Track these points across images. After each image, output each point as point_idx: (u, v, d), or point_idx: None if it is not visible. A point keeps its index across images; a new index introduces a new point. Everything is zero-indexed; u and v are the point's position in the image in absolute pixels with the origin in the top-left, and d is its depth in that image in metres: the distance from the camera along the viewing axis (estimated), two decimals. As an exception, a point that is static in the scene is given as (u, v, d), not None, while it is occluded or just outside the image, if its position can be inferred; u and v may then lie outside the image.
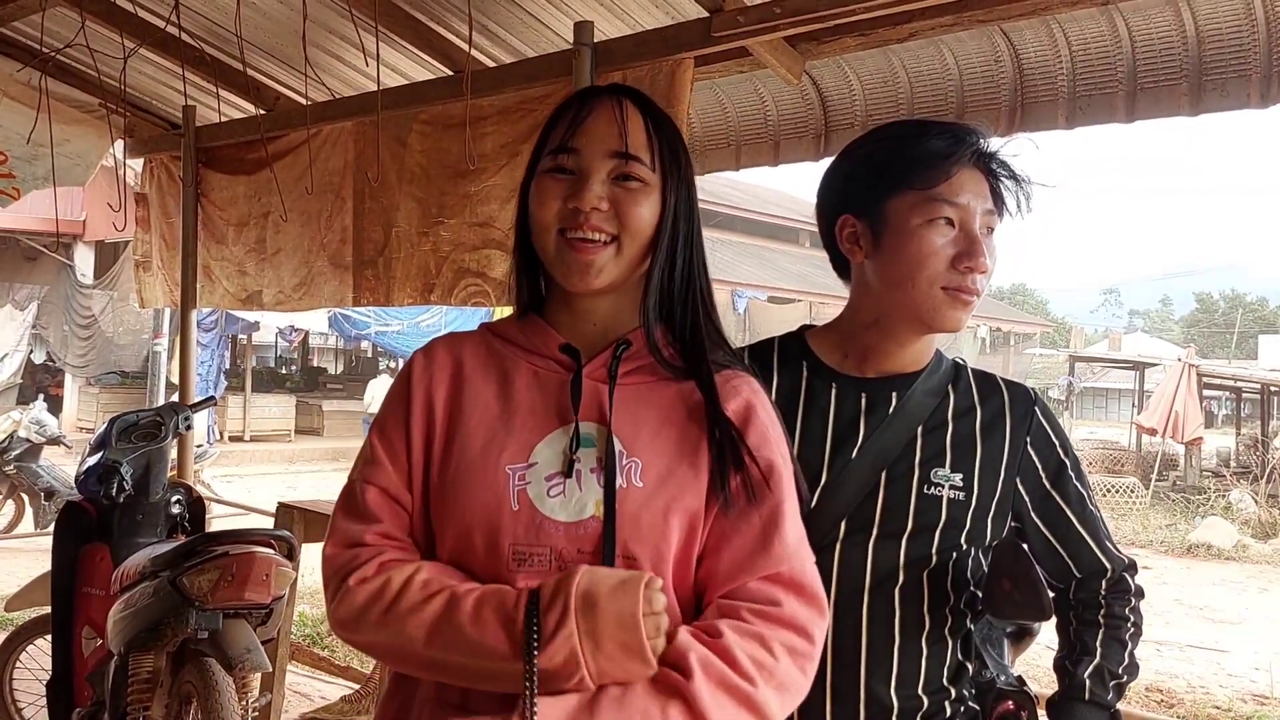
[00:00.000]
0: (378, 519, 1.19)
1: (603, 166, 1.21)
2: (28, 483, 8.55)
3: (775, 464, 1.20)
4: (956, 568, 1.44)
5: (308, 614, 6.26)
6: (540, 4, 3.19)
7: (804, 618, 1.14)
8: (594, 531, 1.13)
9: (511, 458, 1.17)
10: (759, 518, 1.17)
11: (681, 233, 1.25)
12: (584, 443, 1.18)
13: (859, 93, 3.11)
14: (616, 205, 1.20)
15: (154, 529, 3.27)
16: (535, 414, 1.20)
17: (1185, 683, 6.69)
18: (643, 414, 1.20)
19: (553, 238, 1.21)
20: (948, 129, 1.45)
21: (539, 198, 1.23)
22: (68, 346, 16.25)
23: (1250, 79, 2.51)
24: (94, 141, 4.73)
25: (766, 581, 1.14)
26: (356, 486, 1.22)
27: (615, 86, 1.28)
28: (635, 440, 1.18)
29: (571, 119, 1.23)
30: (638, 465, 1.17)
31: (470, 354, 1.27)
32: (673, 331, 1.25)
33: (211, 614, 2.73)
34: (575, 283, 1.21)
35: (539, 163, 1.25)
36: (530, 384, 1.23)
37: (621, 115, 1.22)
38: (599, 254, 1.19)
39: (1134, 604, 1.53)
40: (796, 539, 1.18)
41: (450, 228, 3.62)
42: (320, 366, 29.34)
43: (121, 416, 3.37)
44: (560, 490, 1.15)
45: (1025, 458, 1.47)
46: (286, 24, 3.64)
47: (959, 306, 1.41)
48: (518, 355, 1.26)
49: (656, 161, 1.23)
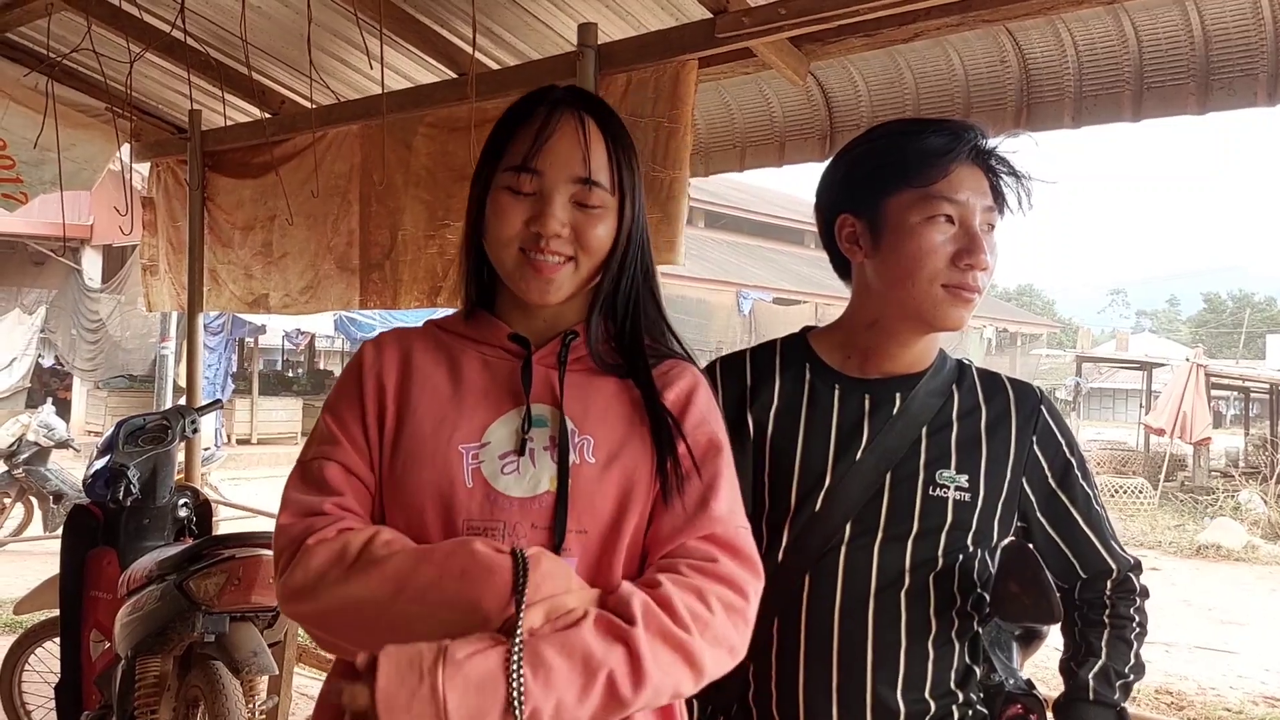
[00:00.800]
0: (338, 491, 1.20)
1: (565, 191, 1.23)
2: (36, 486, 8.58)
3: (716, 438, 1.26)
4: (963, 570, 1.43)
5: (315, 617, 6.26)
6: (544, 6, 3.19)
7: (739, 576, 1.17)
8: (547, 506, 1.17)
9: (464, 438, 1.20)
10: (696, 486, 1.21)
11: (633, 244, 1.28)
12: (536, 423, 1.22)
13: (864, 93, 3.10)
14: (576, 229, 1.23)
15: (161, 532, 3.28)
16: (487, 396, 1.24)
17: (1195, 685, 6.66)
18: (591, 397, 1.25)
19: (512, 253, 1.24)
20: (945, 126, 1.44)
21: (499, 214, 1.24)
22: (76, 350, 16.31)
23: (1258, 77, 2.50)
24: (100, 146, 4.74)
25: (703, 541, 1.18)
26: (313, 464, 1.23)
27: (574, 96, 1.28)
28: (585, 419, 1.22)
29: (535, 137, 1.23)
30: (589, 442, 1.21)
31: (419, 345, 1.30)
32: (616, 330, 1.30)
33: (218, 617, 2.74)
34: (534, 298, 1.24)
35: (494, 172, 1.26)
36: (479, 370, 1.27)
37: (585, 137, 1.24)
38: (558, 272, 1.23)
39: (1139, 604, 1.53)
40: (730, 507, 1.22)
41: (456, 230, 3.62)
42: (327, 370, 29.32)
43: (128, 420, 3.38)
44: (515, 468, 1.19)
45: (1031, 457, 1.47)
46: (291, 28, 3.64)
47: (960, 304, 1.40)
48: (466, 345, 1.30)
49: (615, 183, 1.25)
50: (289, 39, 3.76)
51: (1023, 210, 1.45)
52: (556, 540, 1.16)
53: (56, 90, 4.35)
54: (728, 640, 1.14)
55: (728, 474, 1.24)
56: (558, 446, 1.19)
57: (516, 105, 1.30)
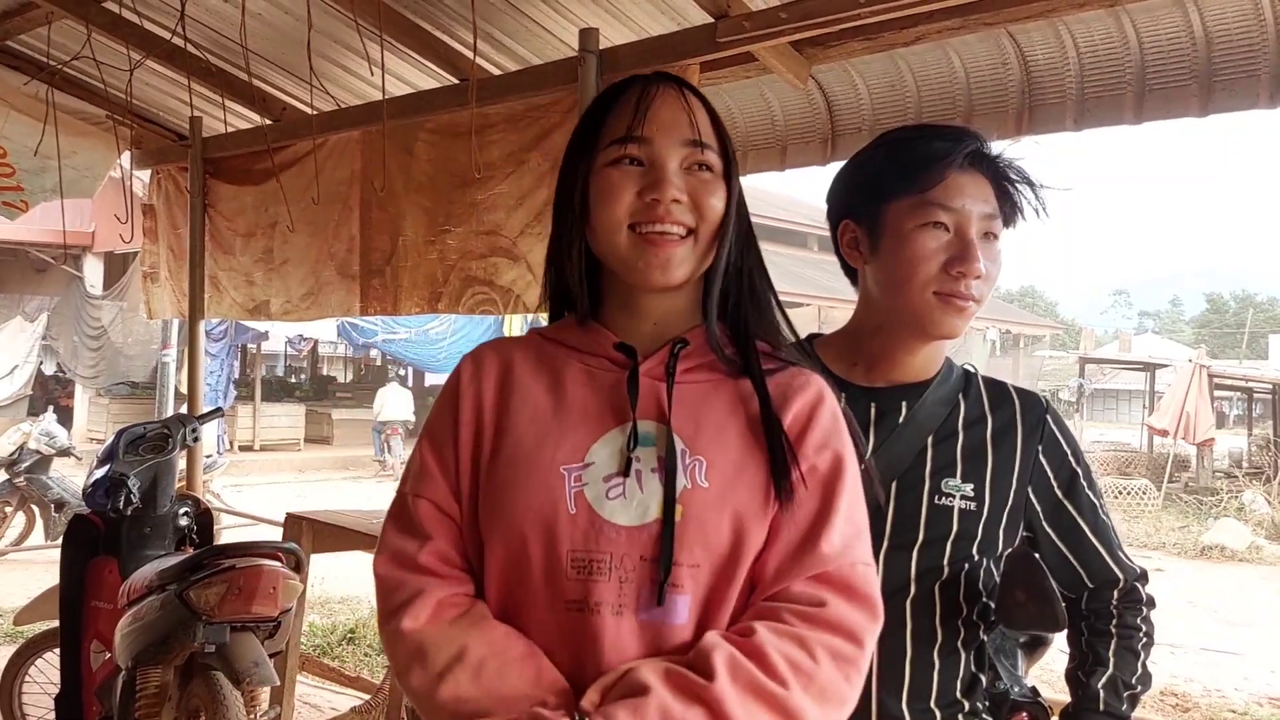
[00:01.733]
0: (430, 535, 1.14)
1: (676, 155, 1.14)
2: (38, 494, 8.57)
3: (839, 462, 1.13)
4: (969, 579, 1.42)
5: (318, 624, 6.26)
6: (545, 12, 3.18)
7: (852, 620, 1.05)
8: (657, 535, 1.06)
9: (566, 457, 1.11)
10: (807, 516, 1.10)
11: (743, 219, 1.20)
12: (642, 441, 1.11)
13: (866, 97, 3.09)
14: (693, 195, 1.14)
15: (162, 541, 3.26)
16: (589, 412, 1.14)
17: (1201, 686, 6.63)
18: (704, 412, 1.14)
19: (624, 234, 1.14)
20: (944, 132, 1.43)
21: (606, 193, 1.14)
22: (77, 357, 16.31)
23: (1260, 79, 2.49)
24: (101, 153, 4.74)
25: (812, 582, 1.06)
26: (408, 500, 1.18)
27: (666, 75, 1.21)
28: (698, 438, 1.11)
29: (635, 108, 1.15)
30: (702, 464, 1.10)
31: (520, 356, 1.21)
32: (730, 331, 1.20)
33: (219, 627, 2.73)
34: (655, 279, 1.14)
35: (594, 155, 1.17)
36: (583, 382, 1.17)
37: (687, 102, 1.17)
38: (678, 248, 1.13)
39: (1146, 614, 1.51)
40: (847, 539, 1.09)
41: (457, 236, 3.62)
42: (330, 375, 29.37)
43: (129, 429, 3.37)
44: (620, 491, 1.08)
45: (1037, 467, 1.46)
46: (292, 34, 3.64)
47: (953, 312, 1.38)
48: (569, 355, 1.20)
49: (721, 149, 1.18)
50: (289, 45, 3.76)
51: (1038, 217, 1.44)
52: (661, 575, 1.05)
53: (57, 98, 4.35)
54: (837, 693, 1.03)
55: (846, 502, 1.11)
56: (664, 468, 1.09)
57: (604, 92, 1.21)
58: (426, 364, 17.65)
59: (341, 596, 7.05)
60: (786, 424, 1.14)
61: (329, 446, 19.38)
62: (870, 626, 1.07)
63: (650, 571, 1.06)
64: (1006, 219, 1.43)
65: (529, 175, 3.35)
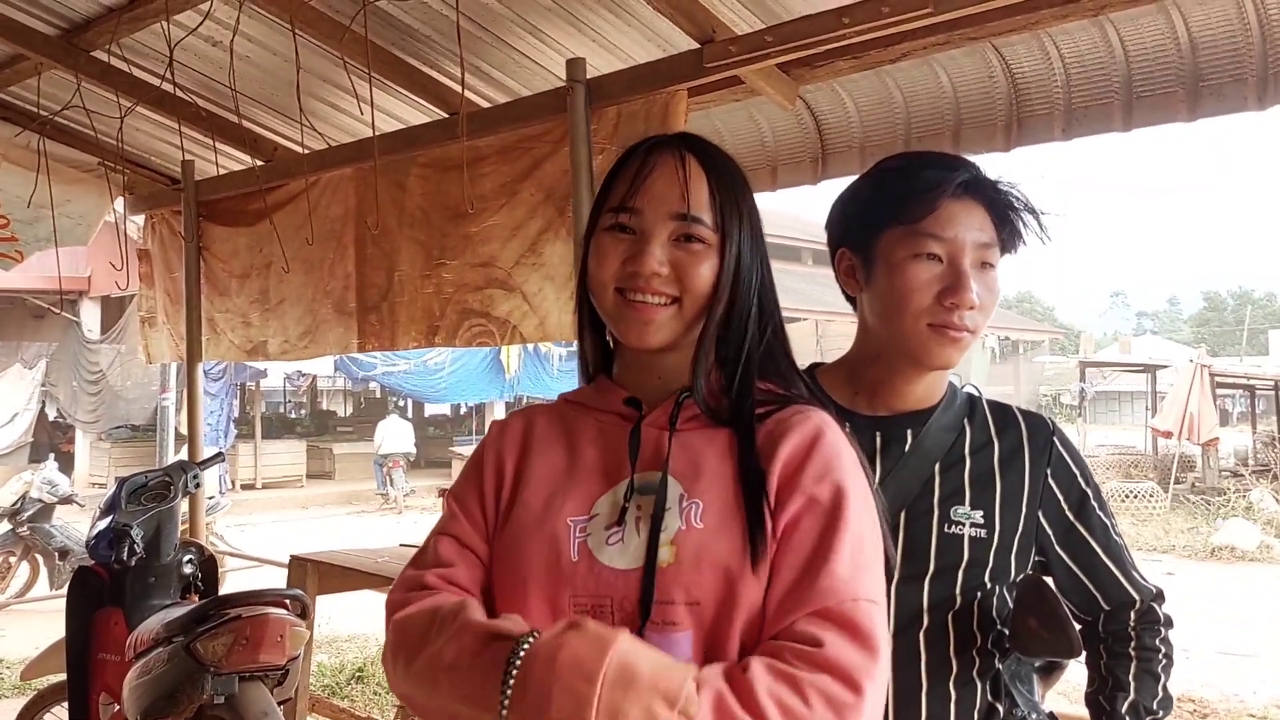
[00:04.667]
0: (445, 563, 1.17)
1: (664, 229, 1.18)
2: (41, 544, 8.53)
3: (844, 490, 1.11)
4: (982, 607, 1.40)
5: (326, 664, 6.22)
6: (532, 43, 3.20)
7: (849, 661, 1.00)
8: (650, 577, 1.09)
9: (574, 510, 1.15)
10: (808, 550, 1.08)
11: (741, 285, 1.20)
12: (643, 490, 1.14)
13: (855, 115, 3.10)
14: (677, 268, 1.17)
15: (167, 590, 3.24)
16: (598, 468, 1.19)
17: (1218, 691, 6.58)
18: (704, 456, 1.16)
19: (610, 295, 1.19)
20: (938, 160, 1.43)
21: (598, 257, 1.20)
22: (76, 402, 16.28)
23: (1247, 82, 2.50)
24: (94, 200, 4.75)
25: (813, 619, 1.03)
26: (430, 540, 1.22)
27: (680, 137, 1.24)
28: (696, 482, 1.14)
29: (633, 175, 1.20)
30: (699, 506, 1.12)
31: (542, 420, 1.28)
32: (727, 381, 1.21)
33: (227, 678, 2.70)
34: (633, 340, 1.19)
35: (599, 218, 1.23)
36: (595, 440, 1.22)
37: (684, 173, 1.18)
38: (657, 314, 1.17)
39: (1164, 634, 1.50)
40: (853, 571, 1.06)
41: (453, 269, 3.61)
42: (330, 410, 29.34)
43: (130, 478, 3.35)
44: (619, 538, 1.12)
45: (1046, 490, 1.44)
46: (280, 75, 3.66)
47: (946, 343, 1.37)
48: (585, 415, 1.25)
49: (718, 219, 1.19)
50: (278, 86, 3.77)
51: (1041, 242, 1.43)
52: (642, 615, 1.07)
53: (49, 147, 4.37)
54: None
55: (852, 533, 1.08)
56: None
57: (620, 157, 1.25)
58: (426, 395, 17.66)
59: (349, 635, 7.01)
60: (781, 460, 1.13)
61: (331, 481, 19.33)
62: (869, 667, 1.02)
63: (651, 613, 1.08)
64: (1006, 246, 1.42)
65: (522, 206, 3.35)
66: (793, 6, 2.74)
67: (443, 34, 3.21)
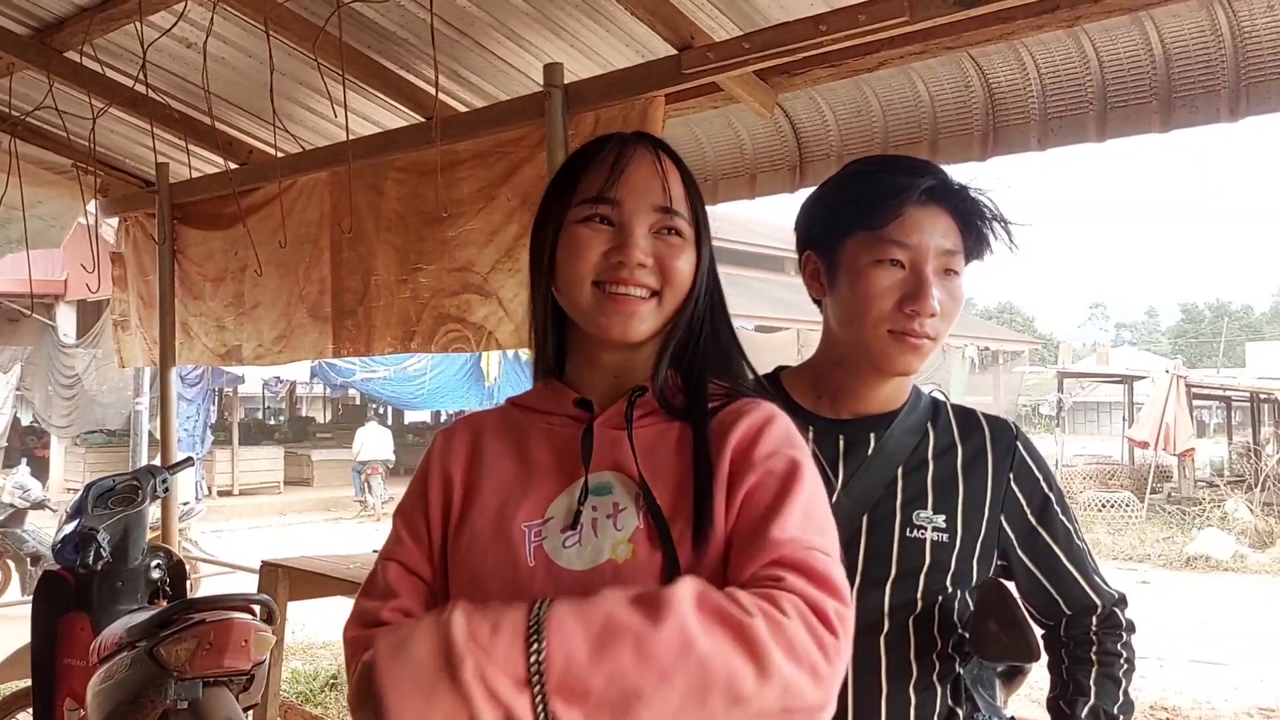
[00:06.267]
0: (395, 594, 1.15)
1: (646, 219, 1.17)
2: (13, 549, 8.43)
3: (798, 463, 1.11)
4: (943, 611, 1.39)
5: (300, 670, 6.16)
6: (509, 48, 3.19)
7: (814, 595, 0.98)
8: (609, 576, 1.07)
9: (527, 515, 1.14)
10: (760, 510, 1.07)
11: (714, 280, 1.23)
12: (598, 491, 1.13)
13: (833, 123, 3.10)
14: (659, 259, 1.16)
15: (134, 595, 3.20)
16: (552, 470, 1.17)
17: (1190, 699, 6.62)
18: (659, 453, 1.15)
19: (587, 290, 1.16)
20: (904, 165, 1.42)
21: (574, 249, 1.17)
22: (51, 406, 16.14)
23: (1219, 94, 2.51)
24: (67, 203, 4.71)
25: (769, 565, 1.01)
26: (378, 566, 1.20)
27: (647, 135, 1.24)
28: (654, 480, 1.12)
29: (610, 167, 1.18)
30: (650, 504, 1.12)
31: (490, 427, 1.25)
32: (683, 377, 1.21)
33: (191, 683, 2.67)
34: (616, 334, 1.16)
35: (565, 212, 1.19)
36: (544, 443, 1.20)
37: (661, 167, 1.18)
38: (641, 306, 1.15)
39: (1126, 639, 1.49)
40: (802, 526, 1.05)
41: (429, 274, 3.59)
42: (308, 416, 29.18)
43: (97, 482, 3.31)
44: (576, 540, 1.11)
45: (1009, 495, 1.44)
46: (254, 77, 3.63)
47: (907, 350, 1.37)
48: (534, 418, 1.23)
49: (693, 215, 1.20)
50: (253, 88, 3.74)
51: (1007, 250, 1.42)
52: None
53: (20, 149, 4.32)
54: (806, 655, 0.94)
55: (801, 498, 1.08)
56: (646, 510, 1.09)
57: (581, 149, 1.23)
58: (405, 402, 17.56)
59: (324, 641, 6.95)
60: (733, 443, 1.13)
61: (309, 488, 19.20)
62: (837, 608, 0.99)
63: None
64: (971, 253, 1.41)
65: (499, 211, 3.34)
66: (771, 14, 2.74)
67: (418, 37, 3.19)
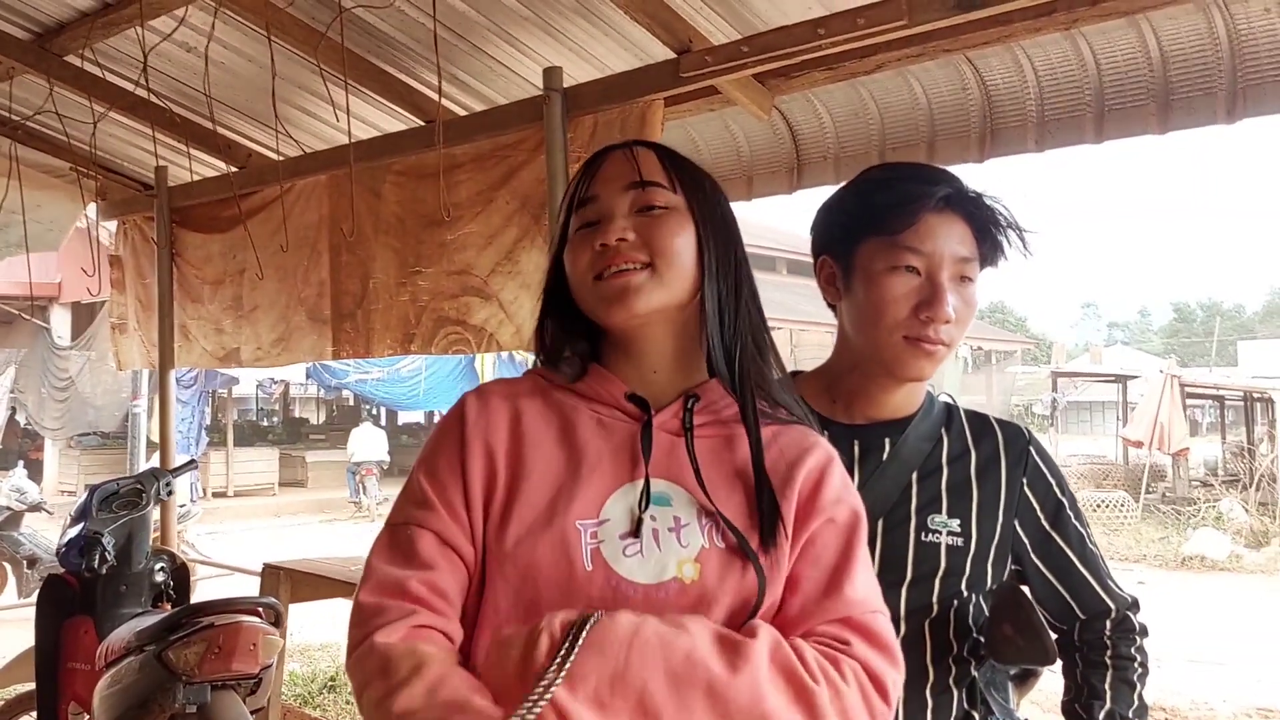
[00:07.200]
0: (430, 565, 1.07)
1: (622, 201, 1.17)
2: (10, 551, 8.40)
3: (859, 514, 1.16)
4: (958, 616, 1.41)
5: (298, 673, 6.16)
6: (509, 52, 3.20)
7: (876, 663, 1.05)
8: (674, 595, 1.05)
9: (581, 513, 1.08)
10: (830, 563, 1.11)
11: (720, 258, 1.18)
12: (657, 500, 1.10)
13: (830, 126, 3.12)
14: (643, 232, 1.15)
15: (138, 599, 3.20)
16: (603, 465, 1.12)
17: (1188, 699, 6.64)
18: (715, 470, 1.13)
19: (589, 285, 1.15)
20: (920, 174, 1.43)
21: (572, 256, 1.18)
22: (43, 409, 16.07)
23: (1217, 96, 2.53)
24: (66, 206, 4.71)
25: (836, 625, 1.07)
26: (403, 531, 1.10)
27: (630, 141, 1.25)
28: (715, 497, 1.11)
29: (584, 173, 1.21)
30: (716, 522, 1.10)
31: (528, 401, 1.18)
32: (729, 381, 1.17)
33: (199, 687, 2.67)
34: (616, 311, 1.13)
35: (567, 230, 1.22)
36: (595, 432, 1.14)
37: (633, 154, 1.20)
38: (632, 278, 1.13)
39: (1139, 643, 1.51)
40: (866, 590, 1.11)
41: (428, 277, 3.61)
42: (302, 417, 29.10)
43: (102, 486, 3.31)
44: (637, 550, 1.07)
45: (1023, 499, 1.45)
46: (255, 81, 3.64)
47: (921, 356, 1.38)
48: (578, 402, 1.17)
49: (676, 184, 1.18)
50: (253, 92, 3.75)
51: (1022, 257, 1.44)
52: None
53: (20, 152, 4.32)
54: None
55: (863, 554, 1.14)
56: (721, 533, 1.08)
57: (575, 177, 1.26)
58: (399, 403, 17.55)
59: (322, 643, 6.95)
60: (799, 482, 1.15)
61: (304, 489, 19.17)
62: (892, 674, 1.07)
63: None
64: (986, 260, 1.43)
65: (498, 214, 3.35)
66: (769, 17, 2.75)
67: (419, 42, 3.21)
